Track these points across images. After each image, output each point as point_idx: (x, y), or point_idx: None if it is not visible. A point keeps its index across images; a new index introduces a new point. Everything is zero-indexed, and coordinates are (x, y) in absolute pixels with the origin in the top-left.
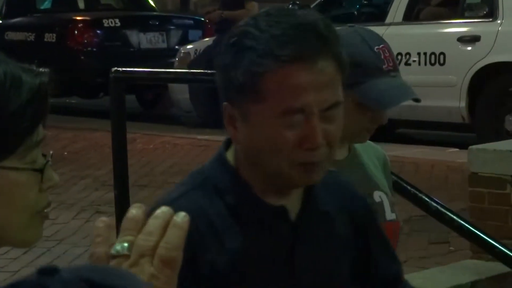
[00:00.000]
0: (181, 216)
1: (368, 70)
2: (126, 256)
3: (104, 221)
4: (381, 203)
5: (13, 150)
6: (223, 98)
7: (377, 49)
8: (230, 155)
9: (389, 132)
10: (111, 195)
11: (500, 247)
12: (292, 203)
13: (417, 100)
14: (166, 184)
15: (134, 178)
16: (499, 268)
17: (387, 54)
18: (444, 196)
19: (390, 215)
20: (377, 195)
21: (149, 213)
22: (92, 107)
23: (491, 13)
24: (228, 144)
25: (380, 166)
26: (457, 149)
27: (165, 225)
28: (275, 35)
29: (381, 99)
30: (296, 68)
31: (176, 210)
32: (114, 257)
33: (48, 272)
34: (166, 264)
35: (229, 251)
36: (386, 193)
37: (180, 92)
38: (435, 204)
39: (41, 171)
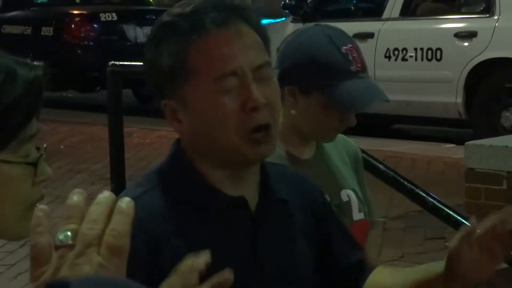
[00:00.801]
0: (126, 202)
1: (336, 72)
2: (71, 246)
3: (43, 209)
4: (348, 202)
5: (6, 144)
6: (159, 97)
7: (344, 50)
8: (182, 152)
9: (385, 128)
10: (107, 189)
11: None
12: (250, 194)
13: (387, 101)
14: None
15: (130, 172)
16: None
17: (355, 55)
18: (440, 191)
19: (357, 215)
20: (345, 194)
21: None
22: (89, 101)
23: (488, 9)
24: (179, 141)
25: (350, 162)
26: (453, 145)
27: (109, 212)
28: (188, 12)
29: (350, 102)
30: (216, 35)
31: (139, 206)
32: (57, 247)
33: (58, 285)
34: (114, 252)
35: (191, 245)
36: (355, 191)
37: None
38: (431, 200)
39: (34, 164)
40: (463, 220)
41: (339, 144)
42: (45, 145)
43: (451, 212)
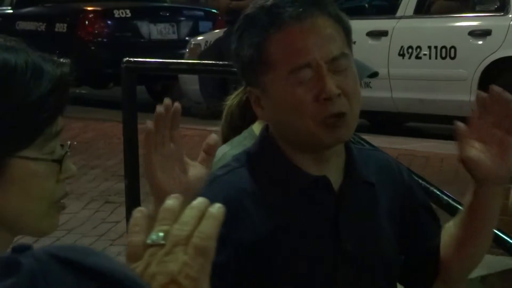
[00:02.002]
0: (217, 207)
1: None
2: (162, 245)
3: (141, 210)
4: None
5: (32, 141)
6: (246, 84)
7: None
8: (271, 135)
9: (399, 126)
10: (120, 185)
11: (511, 241)
12: (334, 175)
13: (375, 74)
14: None
15: (143, 168)
16: (509, 262)
17: None
18: (454, 189)
19: None
20: None
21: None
22: (102, 97)
23: (503, 7)
24: (268, 125)
25: None
26: None
27: (200, 216)
28: (270, 5)
29: None
30: (293, 28)
31: (221, 184)
32: (149, 246)
33: (20, 249)
34: (200, 253)
35: (274, 221)
36: None
37: (190, 83)
38: (446, 198)
39: (59, 161)
40: None
41: None
42: (69, 142)
43: None
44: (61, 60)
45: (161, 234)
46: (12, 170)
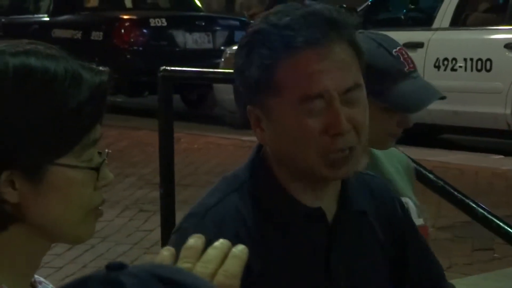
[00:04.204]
0: (240, 248)
1: (391, 75)
2: None
3: (169, 249)
4: (407, 210)
5: (70, 148)
6: (246, 102)
7: (395, 52)
8: (262, 159)
9: (433, 138)
10: (154, 194)
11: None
12: (328, 203)
13: (442, 98)
14: (210, 184)
15: (177, 177)
16: None
17: (406, 56)
18: (488, 202)
19: (417, 221)
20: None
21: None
22: (137, 105)
23: None
24: (260, 148)
25: (403, 171)
26: (502, 156)
27: (223, 256)
28: (283, 25)
29: (408, 103)
30: (306, 54)
31: (214, 217)
32: None
33: (116, 267)
34: None
35: (266, 254)
36: (410, 198)
37: (225, 93)
38: (481, 211)
39: (97, 169)
40: None
41: (389, 154)
42: (106, 150)
43: (501, 223)
44: (100, 68)
45: None
46: (51, 177)
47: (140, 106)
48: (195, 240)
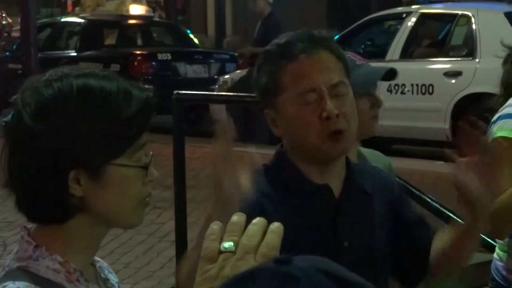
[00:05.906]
0: (277, 225)
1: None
2: (233, 252)
3: (219, 223)
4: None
5: (124, 151)
6: (263, 107)
7: (348, 54)
8: (283, 151)
9: (386, 148)
10: (166, 193)
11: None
12: (335, 184)
13: (392, 71)
14: (209, 185)
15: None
16: (482, 257)
17: (358, 57)
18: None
19: None
20: None
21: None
22: (150, 124)
23: (471, 53)
24: (282, 144)
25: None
26: (443, 162)
27: (263, 231)
28: (283, 43)
29: (365, 82)
30: (301, 60)
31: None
32: (221, 252)
33: (284, 261)
34: (267, 260)
35: (282, 219)
36: None
37: (219, 114)
38: (435, 204)
39: (145, 168)
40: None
41: (375, 156)
42: (151, 152)
43: (451, 214)
44: (146, 86)
45: (232, 243)
46: (108, 175)
47: (151, 124)
48: (238, 217)
